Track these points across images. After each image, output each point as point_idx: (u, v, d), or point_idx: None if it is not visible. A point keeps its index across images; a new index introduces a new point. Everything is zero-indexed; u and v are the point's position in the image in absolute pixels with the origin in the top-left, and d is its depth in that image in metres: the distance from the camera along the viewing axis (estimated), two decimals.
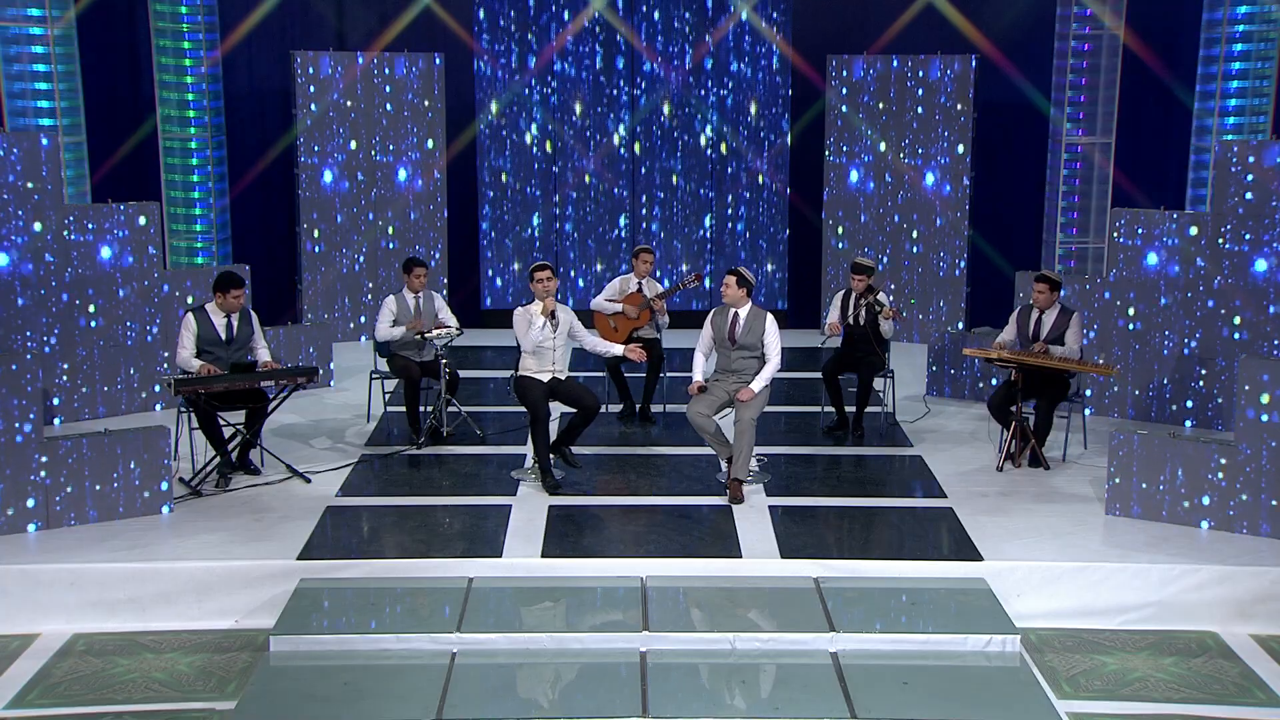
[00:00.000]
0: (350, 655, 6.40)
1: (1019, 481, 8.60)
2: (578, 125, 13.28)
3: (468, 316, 12.54)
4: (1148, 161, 12.59)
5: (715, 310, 8.42)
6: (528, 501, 8.10)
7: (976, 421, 9.96)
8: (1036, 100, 12.76)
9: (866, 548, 7.53)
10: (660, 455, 9.10)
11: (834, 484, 8.60)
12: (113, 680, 6.37)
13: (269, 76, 13.09)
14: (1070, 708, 6.14)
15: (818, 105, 13.15)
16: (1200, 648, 6.84)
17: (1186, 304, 9.61)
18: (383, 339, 9.40)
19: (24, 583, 6.95)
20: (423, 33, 13.14)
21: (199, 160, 12.17)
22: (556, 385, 8.40)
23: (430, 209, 12.97)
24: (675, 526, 7.70)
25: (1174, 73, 12.28)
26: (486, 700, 6.03)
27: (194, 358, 8.41)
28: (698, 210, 13.39)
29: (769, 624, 6.68)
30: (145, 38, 12.23)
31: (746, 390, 8.13)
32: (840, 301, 9.62)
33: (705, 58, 13.16)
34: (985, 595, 6.91)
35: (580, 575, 7.15)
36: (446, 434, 9.28)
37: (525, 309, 8.40)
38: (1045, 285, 8.93)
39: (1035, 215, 12.77)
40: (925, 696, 6.05)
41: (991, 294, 12.65)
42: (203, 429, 8.35)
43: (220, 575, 7.05)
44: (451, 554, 7.25)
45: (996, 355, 8.76)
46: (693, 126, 13.29)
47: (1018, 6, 12.94)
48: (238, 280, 8.57)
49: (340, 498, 8.21)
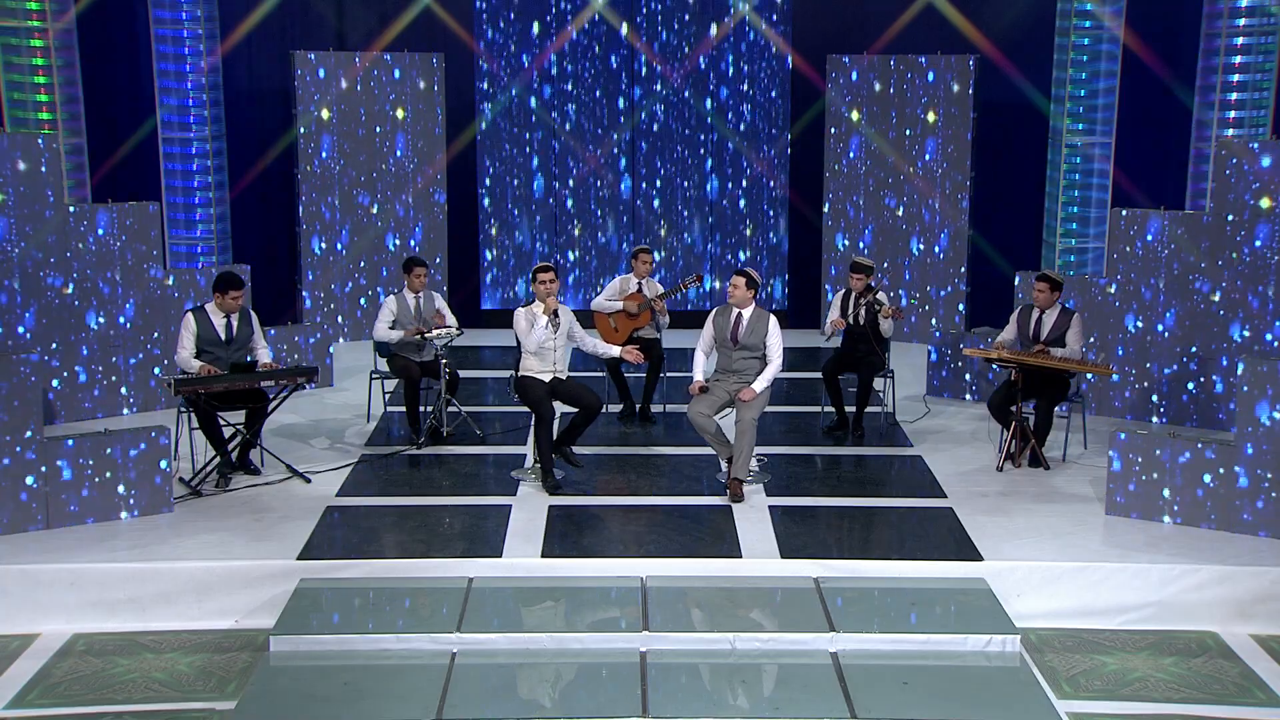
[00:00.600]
0: (350, 655, 6.40)
1: (1019, 481, 8.60)
2: (578, 125, 13.28)
3: (467, 316, 12.54)
4: (1148, 161, 12.59)
5: (717, 310, 8.42)
6: (528, 501, 8.10)
7: (976, 421, 9.96)
8: (1036, 100, 12.76)
9: (866, 548, 7.53)
10: (660, 455, 9.10)
11: (834, 484, 8.60)
12: (113, 680, 6.37)
13: (269, 76, 13.09)
14: (1070, 708, 6.14)
15: (818, 105, 13.15)
16: (1200, 648, 6.84)
17: (1186, 304, 9.61)
18: (381, 339, 9.40)
19: (24, 583, 6.95)
20: (423, 33, 13.14)
21: (199, 160, 12.17)
22: (557, 385, 8.40)
23: (430, 209, 12.97)
24: (675, 526, 7.70)
25: (1174, 73, 12.28)
26: (486, 700, 6.03)
27: (194, 358, 8.41)
28: (698, 210, 13.39)
29: (769, 624, 6.68)
30: (145, 38, 12.23)
31: (748, 390, 8.13)
32: (840, 301, 9.62)
33: (705, 57, 13.16)
34: (985, 595, 6.91)
35: (580, 575, 7.15)
36: (446, 434, 9.28)
37: (527, 309, 8.40)
38: (1046, 285, 8.93)
39: (1035, 215, 12.77)
40: (925, 696, 6.04)
41: (991, 294, 12.65)
42: (203, 429, 8.35)
43: (220, 575, 7.05)
44: (451, 554, 7.25)
45: (996, 355, 8.76)
46: (693, 126, 13.29)
47: (1018, 6, 12.94)
48: (237, 280, 8.57)
49: (340, 498, 8.21)
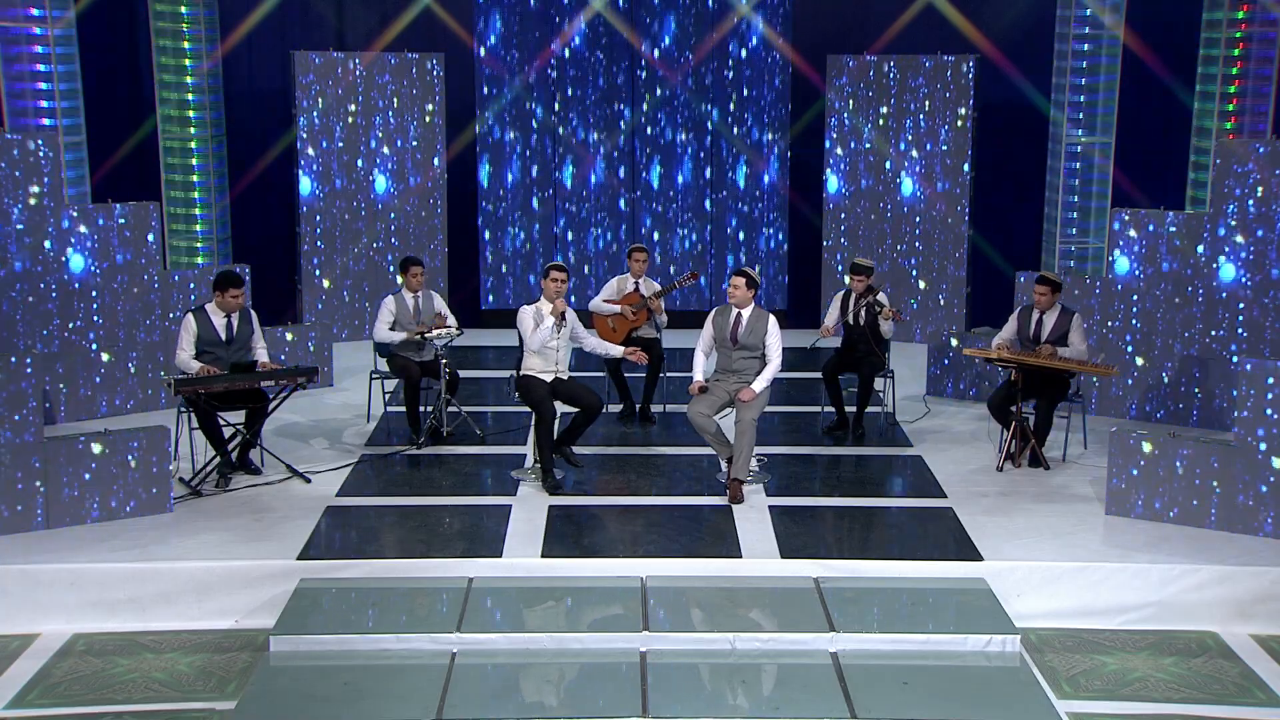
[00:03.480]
0: (350, 655, 6.40)
1: (1019, 481, 8.60)
2: (577, 125, 13.28)
3: (467, 317, 12.53)
4: (1148, 161, 12.59)
5: (717, 310, 8.42)
6: (528, 501, 8.10)
7: (976, 421, 9.96)
8: (1036, 100, 12.75)
9: (866, 548, 7.54)
10: (660, 455, 9.10)
11: (834, 484, 8.60)
12: (113, 680, 6.37)
13: (269, 76, 13.09)
14: (1070, 708, 6.14)
15: (818, 105, 13.14)
16: (1200, 648, 6.84)
17: (1186, 304, 9.61)
18: (381, 340, 9.40)
19: (24, 583, 6.96)
20: (423, 33, 13.13)
21: (199, 160, 12.17)
22: (558, 385, 8.40)
23: (430, 209, 12.97)
24: (675, 526, 7.70)
25: (1174, 73, 12.28)
26: (486, 700, 6.03)
27: (193, 358, 8.40)
28: (697, 210, 13.38)
29: (769, 624, 6.68)
30: (145, 38, 12.23)
31: (748, 390, 8.13)
32: (840, 302, 9.62)
33: (705, 57, 13.16)
34: (985, 595, 6.91)
35: (580, 575, 7.15)
36: (446, 434, 9.28)
37: (534, 307, 8.39)
38: (1047, 287, 8.92)
39: (1035, 215, 12.77)
40: (925, 696, 6.05)
41: (991, 294, 12.64)
42: (203, 429, 8.35)
43: (220, 575, 7.05)
44: (451, 554, 7.25)
45: (997, 355, 8.76)
46: (692, 126, 13.28)
47: (1018, 6, 12.94)
48: (237, 280, 8.57)
49: (340, 498, 8.21)
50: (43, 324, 9.53)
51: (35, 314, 9.49)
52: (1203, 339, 9.58)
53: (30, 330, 9.48)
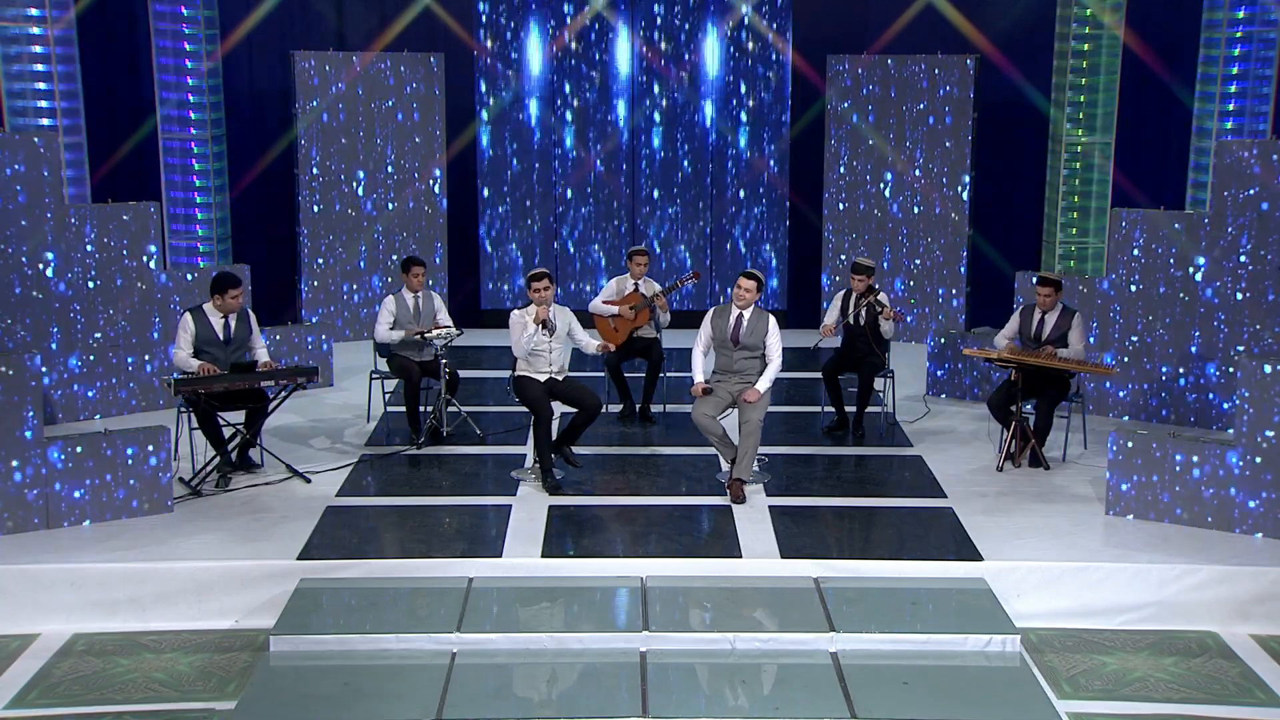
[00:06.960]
0: (350, 655, 6.40)
1: (1019, 481, 8.60)
2: (577, 125, 13.28)
3: (467, 317, 12.54)
4: (1148, 161, 12.59)
5: (714, 310, 8.42)
6: (528, 501, 8.10)
7: (976, 421, 9.96)
8: (1036, 100, 12.76)
9: (866, 548, 7.54)
10: (660, 455, 9.10)
11: (834, 484, 8.60)
12: (113, 680, 6.37)
13: (269, 76, 13.09)
14: (1070, 708, 6.14)
15: (818, 105, 13.15)
16: (1200, 648, 6.84)
17: (1186, 304, 9.61)
18: (382, 340, 9.41)
19: (24, 583, 6.96)
20: (423, 33, 13.14)
21: (199, 160, 12.16)
22: (555, 385, 8.40)
23: (430, 209, 12.97)
24: (675, 526, 7.70)
25: (1174, 73, 12.28)
26: (486, 700, 6.03)
27: (192, 358, 8.40)
28: (698, 210, 13.39)
29: (769, 624, 6.68)
30: (145, 38, 12.23)
31: (752, 391, 8.14)
32: (840, 302, 9.62)
33: (706, 57, 13.16)
34: (985, 595, 6.91)
35: (580, 575, 7.15)
36: (446, 434, 9.28)
37: (522, 313, 8.40)
38: (1049, 288, 8.92)
39: (1035, 215, 12.77)
40: (925, 696, 6.05)
41: (991, 294, 12.65)
42: (202, 429, 8.36)
43: (220, 575, 7.05)
44: (451, 554, 7.25)
45: (997, 355, 8.76)
46: (693, 126, 13.28)
47: (1018, 6, 12.94)
48: (235, 280, 8.56)
49: (340, 498, 8.21)
50: (43, 324, 9.54)
51: (35, 313, 9.49)
52: (1202, 339, 9.58)
53: (30, 330, 9.47)
